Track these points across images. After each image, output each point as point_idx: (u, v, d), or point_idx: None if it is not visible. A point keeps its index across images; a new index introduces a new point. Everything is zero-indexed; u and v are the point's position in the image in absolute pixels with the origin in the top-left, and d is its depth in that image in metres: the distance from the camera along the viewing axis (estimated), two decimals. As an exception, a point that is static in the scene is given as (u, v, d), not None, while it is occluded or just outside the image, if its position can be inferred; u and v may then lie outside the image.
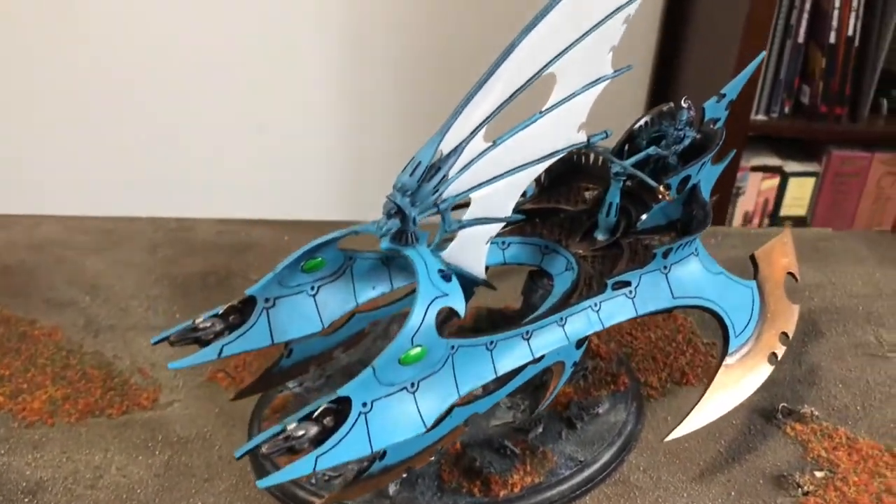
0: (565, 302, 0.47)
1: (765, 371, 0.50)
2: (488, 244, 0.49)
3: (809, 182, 1.39)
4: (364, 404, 0.37)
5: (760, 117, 1.30)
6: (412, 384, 0.39)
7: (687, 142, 0.53)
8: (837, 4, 1.22)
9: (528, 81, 0.43)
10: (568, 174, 0.56)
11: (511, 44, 0.41)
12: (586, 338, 0.48)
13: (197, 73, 1.35)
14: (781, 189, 1.39)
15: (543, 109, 0.46)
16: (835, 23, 1.23)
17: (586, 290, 0.48)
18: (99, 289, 0.66)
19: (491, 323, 0.58)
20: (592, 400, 0.54)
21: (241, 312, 0.43)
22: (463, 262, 0.49)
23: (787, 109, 1.29)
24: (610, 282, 0.48)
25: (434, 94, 1.39)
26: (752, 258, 0.55)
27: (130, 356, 0.59)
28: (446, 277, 0.41)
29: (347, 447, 0.37)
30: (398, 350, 0.38)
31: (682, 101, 0.53)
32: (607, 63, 0.48)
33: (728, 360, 0.50)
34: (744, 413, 0.56)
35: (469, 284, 0.51)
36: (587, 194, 0.56)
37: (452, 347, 0.41)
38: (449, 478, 0.48)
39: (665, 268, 0.49)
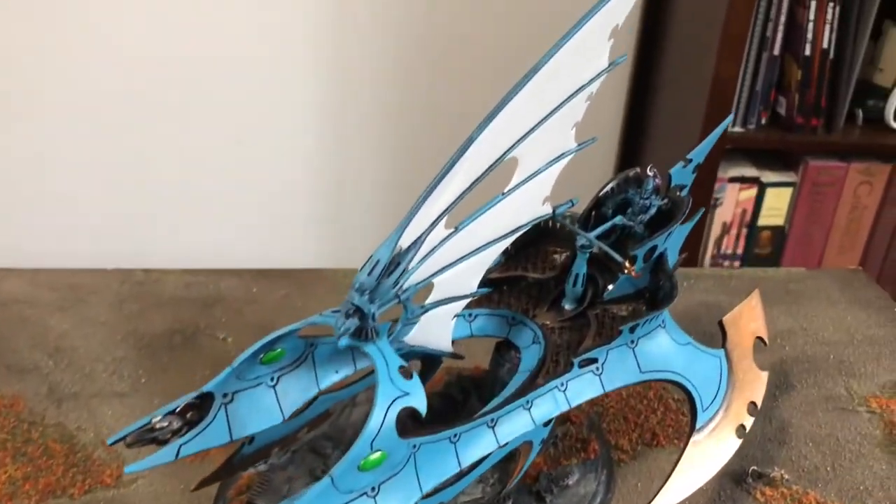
0: (532, 382, 0.47)
1: (733, 444, 0.50)
2: (453, 321, 0.49)
3: (787, 192, 1.40)
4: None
5: (737, 129, 1.31)
6: (372, 488, 0.39)
7: (653, 210, 0.52)
8: (812, 17, 1.22)
9: (488, 169, 0.42)
10: (535, 239, 0.55)
11: (470, 137, 0.40)
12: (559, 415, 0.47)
13: (173, 115, 1.33)
14: (759, 199, 1.40)
15: (506, 191, 0.45)
16: (810, 35, 1.24)
17: (553, 368, 0.48)
18: (63, 351, 0.65)
19: (461, 388, 0.58)
20: (562, 470, 0.54)
21: (199, 408, 0.42)
22: (428, 341, 0.48)
23: (763, 121, 1.30)
24: (576, 360, 0.47)
25: (418, 143, 1.40)
26: (721, 324, 0.55)
27: (95, 427, 0.58)
28: (407, 374, 0.40)
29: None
30: (357, 457, 0.37)
31: (648, 170, 0.53)
32: (571, 138, 0.48)
33: (696, 437, 0.49)
34: (714, 477, 0.55)
35: (437, 355, 0.51)
36: (556, 257, 0.56)
37: (414, 446, 0.40)
38: None
39: (632, 342, 0.49)
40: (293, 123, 1.38)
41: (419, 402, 0.40)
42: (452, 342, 0.50)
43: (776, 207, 1.42)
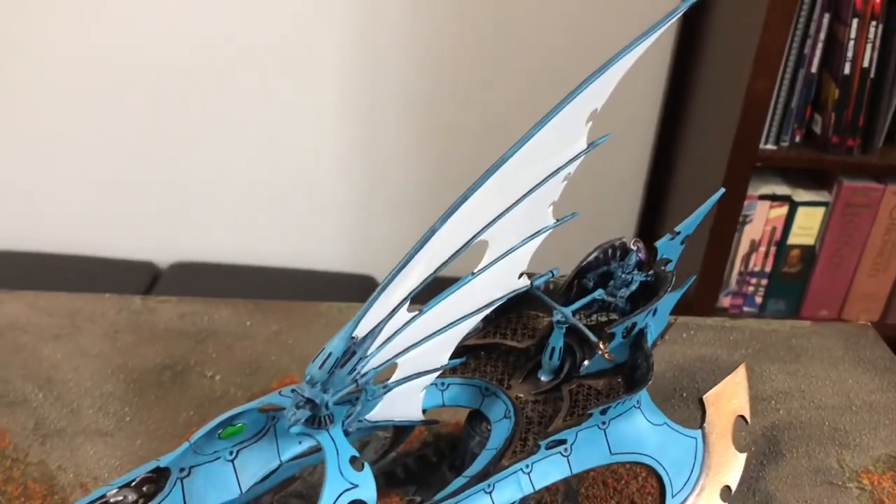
0: (497, 462, 0.46)
1: None
2: (423, 393, 0.48)
3: (819, 212, 1.38)
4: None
5: (770, 146, 1.29)
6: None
7: (634, 286, 0.51)
8: (854, 35, 1.20)
9: (454, 255, 0.42)
10: (516, 304, 0.54)
11: (432, 228, 0.39)
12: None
13: (204, 111, 1.35)
14: (790, 218, 1.38)
15: (476, 271, 0.45)
16: (850, 53, 1.21)
17: (521, 447, 0.47)
18: (53, 384, 0.66)
19: (436, 450, 0.57)
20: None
21: (155, 482, 0.42)
22: (395, 415, 0.48)
23: (797, 139, 1.28)
24: (543, 443, 0.46)
25: (450, 145, 1.40)
26: (701, 402, 0.53)
27: (75, 467, 0.58)
28: (358, 466, 0.40)
29: None
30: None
31: (632, 244, 0.52)
32: (548, 216, 0.47)
33: (662, 523, 0.48)
34: (689, 554, 0.55)
35: (407, 425, 0.51)
36: (536, 322, 0.55)
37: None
38: None
39: (603, 423, 0.48)
40: (324, 122, 1.39)
41: (368, 494, 0.40)
42: (424, 411, 0.50)
43: (807, 227, 1.40)
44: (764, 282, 1.44)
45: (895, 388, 0.71)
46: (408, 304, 0.41)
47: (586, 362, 0.51)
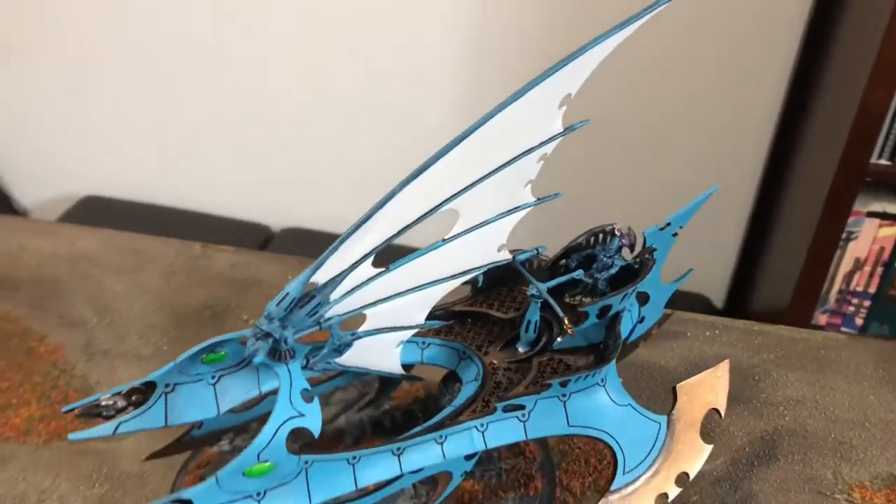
0: (455, 417, 0.50)
1: None
2: (399, 347, 0.52)
3: None
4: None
5: (882, 161, 1.23)
6: (258, 493, 0.43)
7: (614, 270, 0.53)
8: None
9: (419, 218, 0.45)
10: (506, 278, 0.57)
11: (392, 191, 0.43)
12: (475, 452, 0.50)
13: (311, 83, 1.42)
14: None
15: (446, 238, 0.48)
16: None
17: (481, 407, 0.50)
18: (109, 311, 0.74)
19: (424, 406, 0.61)
20: (496, 501, 0.56)
21: (143, 394, 0.48)
22: (370, 364, 0.52)
23: None
24: (500, 405, 0.49)
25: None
26: (674, 390, 0.54)
27: (110, 384, 0.65)
28: (308, 398, 0.44)
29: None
30: (243, 464, 0.42)
31: (616, 230, 0.54)
32: (526, 194, 0.49)
33: (609, 497, 0.50)
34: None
35: (390, 377, 0.55)
36: (524, 297, 0.57)
37: (306, 462, 0.44)
38: None
39: (564, 395, 0.50)
40: (441, 98, 1.42)
41: (313, 424, 0.44)
42: (405, 367, 0.54)
43: (919, 249, 1.33)
44: (867, 303, 1.37)
45: (921, 411, 0.69)
46: (371, 259, 0.45)
47: (559, 339, 0.53)
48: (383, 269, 0.46)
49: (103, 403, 0.47)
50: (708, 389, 0.55)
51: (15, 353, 0.68)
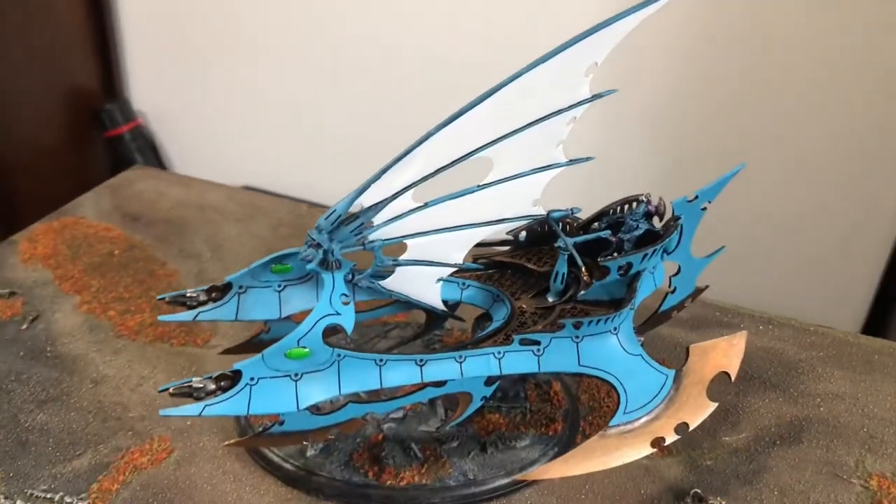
0: (476, 343, 0.56)
1: (642, 451, 0.55)
2: (439, 283, 0.60)
3: None
4: (252, 378, 0.51)
5: None
6: (296, 374, 0.52)
7: (638, 232, 0.58)
8: None
9: (454, 162, 0.53)
10: (547, 237, 0.63)
11: (427, 132, 0.51)
12: (497, 377, 0.57)
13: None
14: None
15: (481, 184, 0.55)
16: None
17: (502, 339, 0.57)
18: (222, 250, 0.86)
19: None
20: (516, 434, 0.62)
21: (221, 291, 0.58)
22: (412, 293, 0.60)
23: None
24: (517, 337, 0.56)
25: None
26: (687, 349, 0.59)
27: (211, 305, 0.77)
28: (345, 302, 0.53)
29: (230, 406, 0.50)
30: (285, 346, 0.51)
31: (644, 196, 0.59)
32: (559, 153, 0.56)
33: (607, 430, 0.55)
34: (657, 486, 0.60)
35: (435, 311, 0.62)
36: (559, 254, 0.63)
37: (339, 356, 0.52)
38: (358, 458, 0.59)
39: (577, 337, 0.56)
40: None
41: (347, 322, 0.52)
42: (445, 303, 0.61)
43: None
44: None
45: (965, 420, 0.69)
46: (411, 192, 0.53)
47: (583, 290, 0.59)
48: (423, 204, 0.54)
49: (188, 295, 0.58)
50: (721, 354, 0.59)
51: (140, 273, 0.81)
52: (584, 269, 0.57)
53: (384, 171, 0.51)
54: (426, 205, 0.54)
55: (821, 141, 1.26)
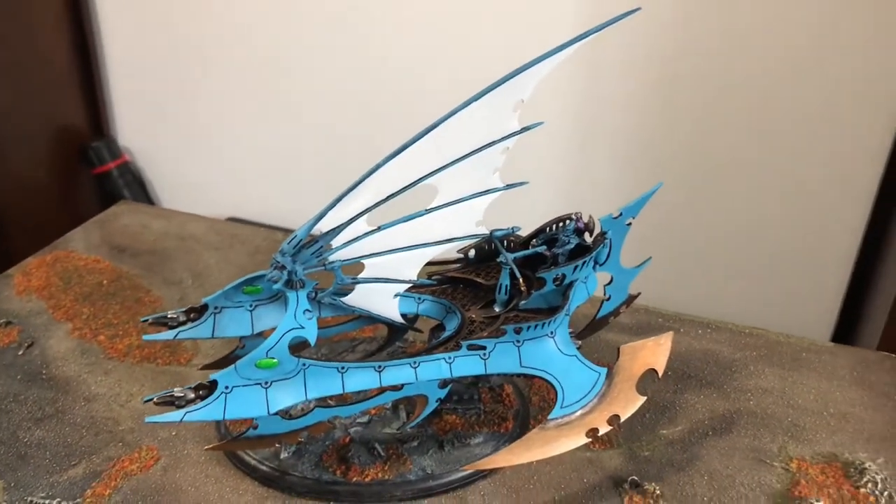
0: (430, 350, 0.63)
1: (579, 441, 0.62)
2: (397, 298, 0.66)
3: None
4: (226, 387, 0.57)
5: None
6: (266, 382, 0.58)
7: (570, 246, 0.66)
8: None
9: (401, 190, 0.60)
10: (491, 254, 0.70)
11: (377, 164, 0.58)
12: (450, 380, 0.63)
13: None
14: None
15: (428, 208, 0.62)
16: None
17: (452, 346, 0.64)
18: (202, 277, 0.92)
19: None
20: (471, 433, 0.69)
21: (199, 312, 0.65)
22: (370, 307, 0.66)
23: None
24: (465, 343, 0.63)
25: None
26: (618, 350, 0.66)
27: (193, 327, 0.83)
28: (310, 317, 0.59)
29: (208, 412, 0.57)
30: (255, 357, 0.57)
31: (574, 214, 0.66)
32: (496, 179, 0.63)
33: (547, 424, 0.62)
34: (598, 474, 0.67)
35: (395, 324, 0.69)
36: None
37: (304, 364, 0.59)
38: (327, 459, 0.66)
39: (518, 341, 0.63)
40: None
41: (310, 335, 0.59)
42: (404, 316, 0.68)
43: None
44: None
45: (882, 409, 0.76)
46: (365, 217, 0.60)
47: (523, 301, 0.65)
48: (376, 227, 0.61)
49: (169, 316, 0.64)
50: (649, 353, 0.66)
51: (127, 300, 0.88)
52: (522, 280, 0.64)
53: (339, 199, 0.58)
54: (379, 228, 0.61)
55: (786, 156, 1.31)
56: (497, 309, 0.67)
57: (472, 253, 0.70)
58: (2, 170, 1.40)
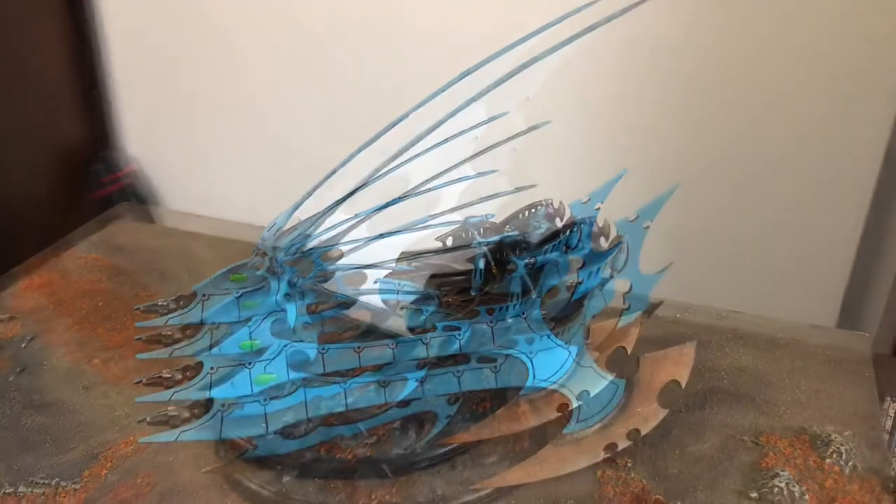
0: (412, 331, 0.66)
1: (594, 457, 0.62)
2: (377, 284, 0.69)
3: None
4: (212, 368, 0.61)
5: None
6: (249, 363, 0.61)
7: (540, 231, 0.68)
8: None
9: (378, 175, 0.62)
10: (468, 241, 0.73)
11: (350, 154, 0.61)
12: (460, 395, 0.65)
13: None
14: None
15: (401, 196, 0.65)
16: None
17: (430, 329, 0.66)
18: (198, 272, 0.96)
19: None
20: (484, 451, 0.69)
21: (188, 300, 0.68)
22: (352, 294, 0.69)
23: None
24: (440, 324, 0.65)
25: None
26: (637, 360, 0.66)
27: (188, 320, 0.87)
28: (290, 300, 0.62)
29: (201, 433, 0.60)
30: (239, 339, 0.61)
31: (544, 201, 0.69)
32: (466, 168, 0.66)
33: (561, 439, 0.62)
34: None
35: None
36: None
37: (286, 345, 0.62)
38: (332, 481, 0.66)
39: (491, 322, 0.66)
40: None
41: (290, 317, 0.62)
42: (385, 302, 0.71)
43: None
44: None
45: (853, 386, 0.78)
46: (342, 206, 0.63)
47: (496, 286, 0.68)
48: (353, 216, 0.64)
49: (160, 304, 0.68)
50: (672, 363, 0.67)
51: (125, 296, 0.91)
52: (494, 265, 0.67)
53: (317, 186, 0.62)
54: (356, 216, 0.64)
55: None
56: (473, 293, 0.70)
57: (449, 240, 0.73)
58: (5, 178, 1.44)
